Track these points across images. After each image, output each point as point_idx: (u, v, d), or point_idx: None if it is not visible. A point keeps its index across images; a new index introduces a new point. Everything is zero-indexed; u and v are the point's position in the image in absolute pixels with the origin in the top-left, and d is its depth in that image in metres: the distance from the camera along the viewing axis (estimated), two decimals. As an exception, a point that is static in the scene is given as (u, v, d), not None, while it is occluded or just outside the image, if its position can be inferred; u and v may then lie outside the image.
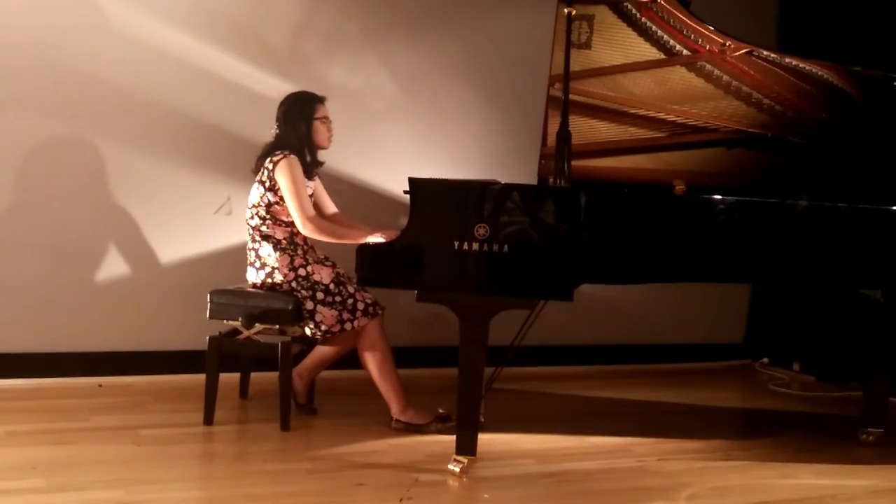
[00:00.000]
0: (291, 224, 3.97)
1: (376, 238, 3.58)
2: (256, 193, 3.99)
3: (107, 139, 4.47)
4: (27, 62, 4.31)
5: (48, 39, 4.34)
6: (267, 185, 3.94)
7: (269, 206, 3.95)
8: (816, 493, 3.54)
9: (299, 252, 3.99)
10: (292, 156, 3.93)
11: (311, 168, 4.04)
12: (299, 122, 4.01)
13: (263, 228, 3.98)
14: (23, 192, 4.36)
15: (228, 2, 4.63)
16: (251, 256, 4.03)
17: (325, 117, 4.08)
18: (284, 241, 3.98)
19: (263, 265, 3.98)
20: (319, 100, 4.07)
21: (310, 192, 4.02)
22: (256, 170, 4.02)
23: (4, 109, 4.31)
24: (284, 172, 3.89)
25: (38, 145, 4.36)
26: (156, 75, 4.52)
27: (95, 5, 4.40)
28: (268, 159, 3.96)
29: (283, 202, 3.93)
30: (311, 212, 3.92)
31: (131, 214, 4.54)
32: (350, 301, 3.93)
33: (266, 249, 3.97)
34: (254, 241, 4.01)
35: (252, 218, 4.01)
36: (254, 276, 4.02)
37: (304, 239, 4.03)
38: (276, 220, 3.97)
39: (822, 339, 5.47)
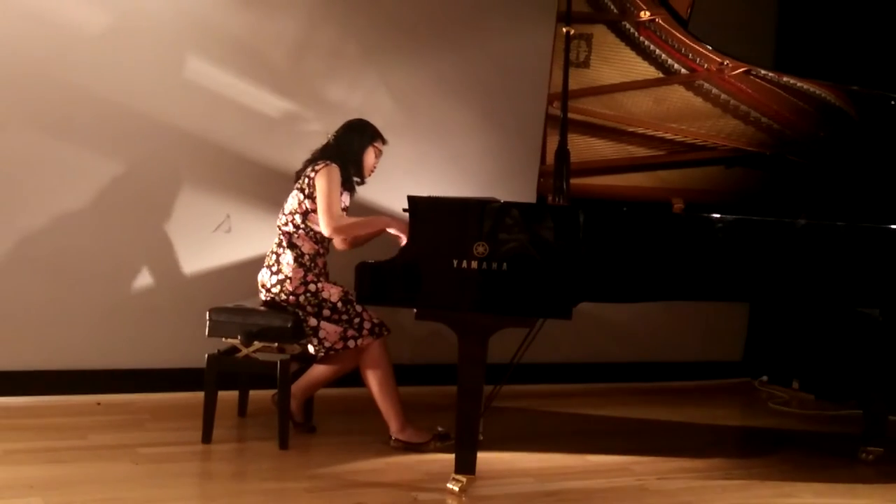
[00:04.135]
0: (320, 241, 4.00)
1: (398, 231, 3.80)
2: (294, 200, 4.02)
3: (107, 157, 4.48)
4: (27, 79, 4.33)
5: (47, 57, 4.35)
6: (306, 192, 3.98)
7: (306, 213, 3.99)
8: (816, 512, 3.54)
9: (315, 271, 4.01)
10: (334, 165, 3.99)
11: (352, 182, 4.10)
12: (356, 138, 4.11)
13: (294, 237, 4.00)
14: (22, 209, 4.37)
15: (230, 21, 4.65)
16: (271, 259, 4.04)
17: (380, 151, 4.17)
18: (307, 257, 4.00)
19: (279, 270, 3.99)
20: (383, 137, 4.17)
21: (344, 204, 4.06)
22: (297, 177, 4.05)
23: (4, 126, 4.32)
24: (323, 178, 3.94)
25: (36, 162, 4.37)
26: (156, 93, 4.53)
27: (95, 24, 4.42)
28: (310, 168, 4.00)
29: None
30: (339, 219, 3.94)
31: (130, 232, 4.55)
32: (357, 320, 3.94)
33: (287, 257, 3.99)
34: (280, 245, 4.03)
35: (286, 224, 4.03)
36: (266, 277, 4.02)
37: (325, 263, 4.07)
38: (309, 231, 4.00)
39: (822, 357, 5.47)
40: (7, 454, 3.62)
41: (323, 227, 3.93)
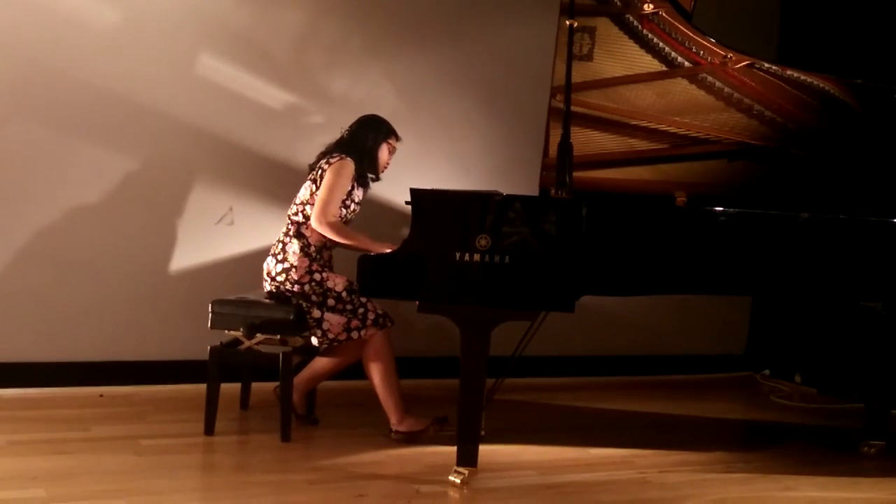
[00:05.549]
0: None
1: (383, 249, 3.64)
2: (306, 191, 4.03)
3: (109, 149, 4.48)
4: (30, 73, 4.33)
5: (50, 50, 4.35)
6: (318, 183, 3.98)
7: None
8: (818, 505, 3.54)
9: (320, 261, 4.01)
10: (349, 159, 3.99)
11: (366, 178, 4.10)
12: (370, 134, 4.11)
13: (303, 227, 4.01)
14: (25, 201, 4.37)
15: (233, 14, 4.65)
16: (277, 248, 4.04)
17: (394, 147, 4.18)
18: (313, 248, 4.00)
19: (285, 259, 3.99)
20: (397, 134, 4.17)
21: (358, 199, 4.07)
22: (311, 169, 4.06)
23: (8, 120, 4.32)
24: (333, 171, 3.96)
25: (40, 155, 4.37)
26: (160, 86, 4.53)
27: (99, 17, 4.41)
28: (325, 160, 4.01)
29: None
30: (333, 216, 3.93)
31: (133, 224, 4.55)
32: (361, 311, 3.94)
33: (293, 246, 3.99)
34: (287, 234, 4.03)
35: (296, 214, 4.04)
36: (271, 265, 4.03)
37: (331, 256, 4.07)
38: None
39: (824, 351, 5.47)
40: (10, 445, 3.63)
41: (312, 216, 3.94)
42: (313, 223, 3.94)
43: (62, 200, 4.42)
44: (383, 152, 4.14)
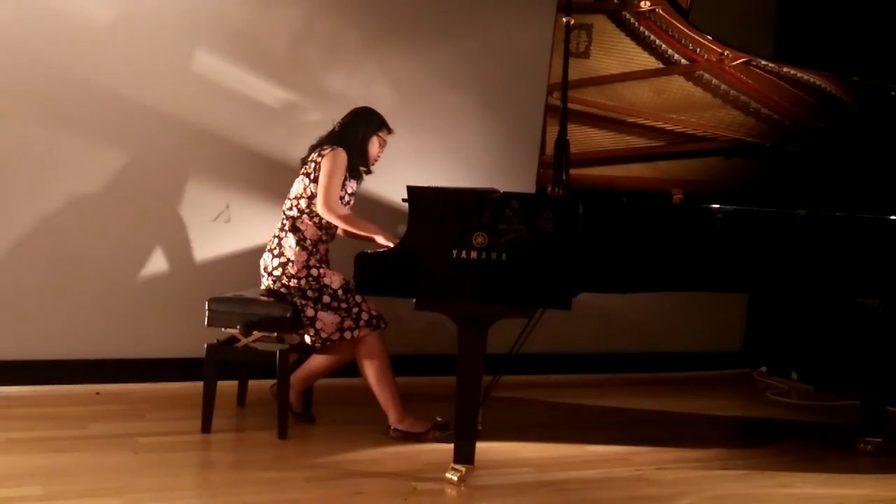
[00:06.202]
0: (324, 228, 4.00)
1: (386, 241, 3.69)
2: (300, 185, 4.03)
3: (105, 146, 4.48)
4: (26, 70, 4.32)
5: (46, 47, 4.34)
6: (312, 176, 3.99)
7: (311, 197, 3.99)
8: (814, 502, 3.54)
9: (317, 256, 4.01)
10: (342, 149, 4.00)
11: (358, 171, 4.11)
12: (361, 127, 4.12)
13: (298, 221, 4.01)
14: (20, 198, 4.37)
15: (229, 10, 4.64)
16: (273, 243, 4.05)
17: (385, 140, 4.18)
18: (309, 242, 4.00)
19: (281, 253, 4.00)
20: (389, 126, 4.17)
21: (351, 190, 4.08)
22: (303, 163, 4.07)
23: (3, 117, 4.31)
24: (329, 160, 3.97)
25: (35, 153, 4.37)
26: (156, 83, 4.53)
27: (95, 14, 4.41)
28: (317, 153, 4.01)
29: None
30: (336, 202, 3.95)
31: (130, 222, 4.54)
32: (355, 310, 3.94)
33: (289, 241, 3.99)
34: (282, 229, 4.04)
35: (291, 209, 4.04)
36: (268, 260, 4.04)
37: (327, 251, 4.07)
38: (313, 217, 4.00)
39: (821, 348, 5.47)
40: (8, 443, 3.63)
41: (319, 205, 3.95)
42: (321, 212, 3.94)
43: (58, 197, 4.42)
44: (373, 145, 4.14)
